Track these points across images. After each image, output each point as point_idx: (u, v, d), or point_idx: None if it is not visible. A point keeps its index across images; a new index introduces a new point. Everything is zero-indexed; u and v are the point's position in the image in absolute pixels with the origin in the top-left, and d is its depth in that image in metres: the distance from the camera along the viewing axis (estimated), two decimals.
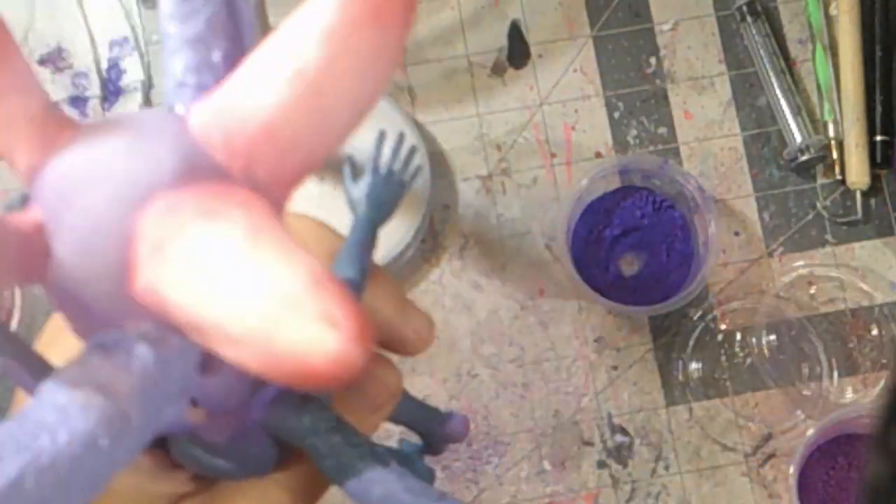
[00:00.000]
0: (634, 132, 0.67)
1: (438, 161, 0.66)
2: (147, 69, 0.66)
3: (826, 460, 0.62)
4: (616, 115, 0.67)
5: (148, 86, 0.66)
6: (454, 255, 0.65)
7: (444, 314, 0.64)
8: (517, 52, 0.67)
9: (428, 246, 0.65)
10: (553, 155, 0.66)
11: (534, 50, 0.67)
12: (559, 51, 0.67)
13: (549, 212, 0.65)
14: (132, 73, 0.65)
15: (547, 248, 0.65)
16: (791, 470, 0.59)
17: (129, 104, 0.65)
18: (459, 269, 0.65)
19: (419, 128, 0.66)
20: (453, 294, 0.64)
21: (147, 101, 0.65)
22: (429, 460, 0.39)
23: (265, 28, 0.49)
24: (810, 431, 0.59)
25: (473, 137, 0.66)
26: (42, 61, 0.65)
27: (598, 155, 0.66)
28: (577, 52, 0.67)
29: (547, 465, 0.63)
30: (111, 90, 0.65)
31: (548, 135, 0.66)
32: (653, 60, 0.67)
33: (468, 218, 0.65)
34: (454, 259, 0.65)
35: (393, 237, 0.62)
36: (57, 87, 0.65)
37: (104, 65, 0.65)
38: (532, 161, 0.66)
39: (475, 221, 0.65)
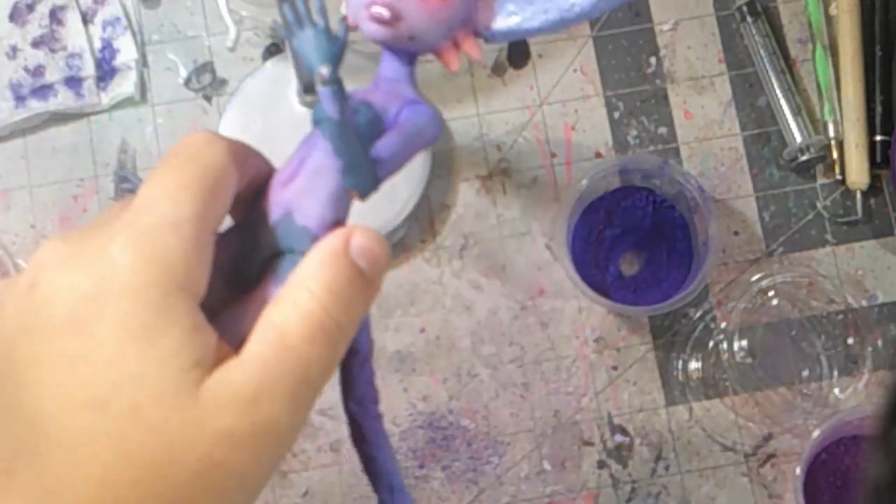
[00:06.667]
0: (634, 132, 0.67)
1: (438, 161, 0.66)
2: (141, 47, 0.66)
3: (832, 463, 0.61)
4: (616, 115, 0.67)
5: (142, 64, 0.66)
6: (454, 255, 0.65)
7: (444, 314, 0.64)
8: (517, 52, 0.67)
9: (428, 246, 0.65)
10: (553, 155, 0.66)
11: (534, 50, 0.67)
12: (559, 51, 0.67)
13: (549, 212, 0.65)
14: (126, 53, 0.66)
15: (547, 248, 0.65)
16: (797, 472, 0.58)
17: (124, 83, 0.66)
18: (459, 269, 0.65)
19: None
20: (453, 294, 0.64)
21: (142, 80, 0.66)
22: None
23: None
24: (815, 433, 0.59)
25: (473, 137, 0.66)
26: (35, 44, 0.65)
27: (598, 155, 0.66)
28: (577, 52, 0.67)
29: (547, 465, 0.63)
30: (106, 70, 0.66)
31: (548, 135, 0.66)
32: (653, 60, 0.67)
33: (468, 218, 0.65)
34: (454, 259, 0.65)
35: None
36: (52, 69, 0.65)
37: (97, 45, 0.66)
38: (532, 161, 0.66)
39: (475, 221, 0.65)
